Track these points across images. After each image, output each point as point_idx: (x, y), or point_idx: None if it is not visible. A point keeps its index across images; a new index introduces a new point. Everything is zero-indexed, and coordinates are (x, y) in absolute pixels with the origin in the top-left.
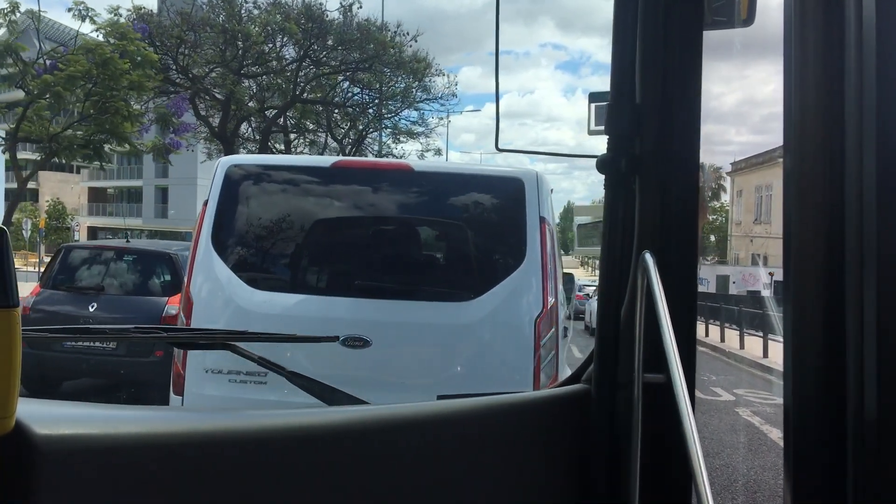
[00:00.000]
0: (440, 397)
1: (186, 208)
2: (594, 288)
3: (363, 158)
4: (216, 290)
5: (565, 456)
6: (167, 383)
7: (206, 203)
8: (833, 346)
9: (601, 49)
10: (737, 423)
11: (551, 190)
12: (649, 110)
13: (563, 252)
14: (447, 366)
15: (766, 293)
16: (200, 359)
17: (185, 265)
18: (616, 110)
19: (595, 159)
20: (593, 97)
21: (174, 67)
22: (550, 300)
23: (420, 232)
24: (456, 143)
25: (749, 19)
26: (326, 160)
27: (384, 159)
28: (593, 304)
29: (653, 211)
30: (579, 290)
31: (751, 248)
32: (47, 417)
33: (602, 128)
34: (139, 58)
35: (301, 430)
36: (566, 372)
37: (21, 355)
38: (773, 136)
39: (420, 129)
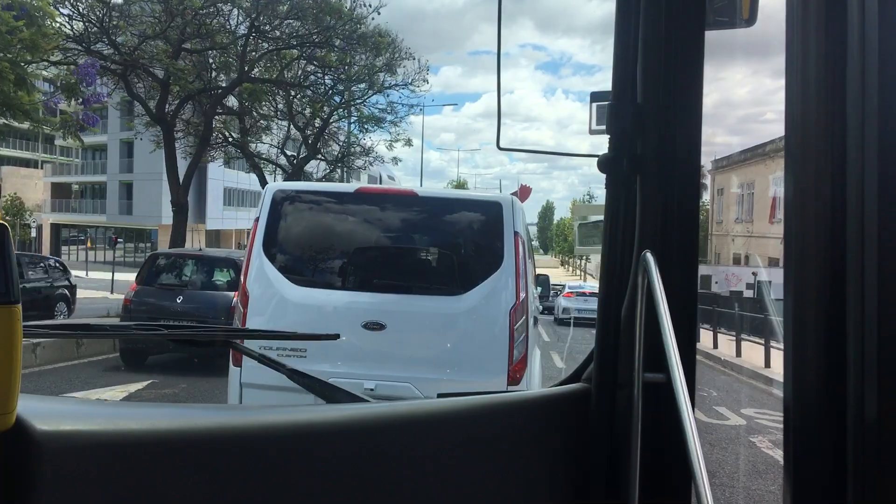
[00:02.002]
0: (440, 395)
1: (151, 204)
2: (561, 286)
3: (379, 186)
4: (266, 286)
5: (565, 455)
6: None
7: (256, 219)
8: (833, 346)
9: (582, 50)
10: (756, 460)
11: (530, 188)
12: (651, 110)
13: (542, 251)
14: (443, 344)
15: (749, 293)
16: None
17: None
18: (618, 110)
19: (596, 159)
20: (595, 97)
21: (103, 39)
22: (522, 295)
23: (422, 242)
24: (435, 143)
25: (751, 19)
26: (351, 187)
27: (395, 186)
28: (559, 301)
29: (654, 210)
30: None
31: (732, 247)
32: (48, 414)
33: (603, 127)
34: (33, 11)
35: (301, 427)
36: (535, 352)
37: (21, 351)
38: (747, 138)
39: (389, 117)
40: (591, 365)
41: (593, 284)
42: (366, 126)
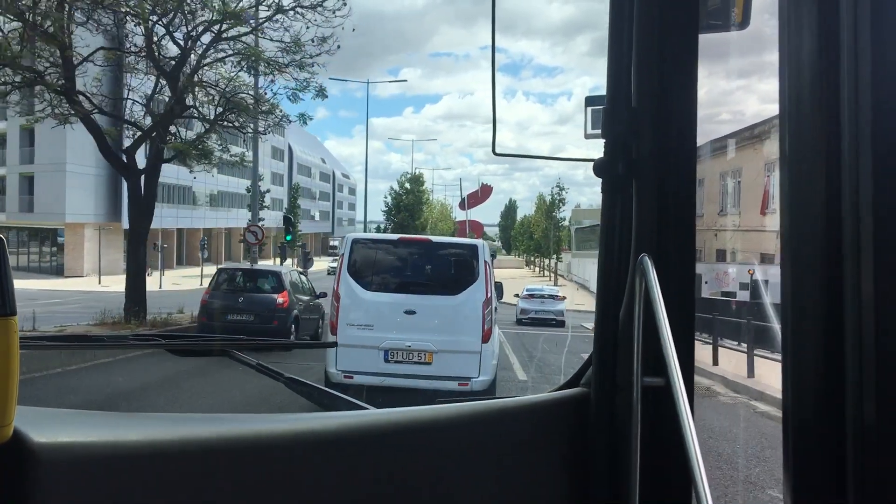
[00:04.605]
0: (439, 401)
1: (55, 199)
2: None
3: (412, 235)
4: (350, 292)
5: (565, 459)
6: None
7: (342, 255)
8: (832, 347)
9: (542, 52)
10: None
11: (491, 187)
12: (646, 114)
13: (504, 251)
14: (447, 321)
15: (745, 294)
16: (346, 316)
17: (286, 278)
18: (613, 114)
19: (592, 163)
20: (590, 101)
21: None
22: (488, 295)
23: (434, 266)
24: (396, 145)
25: (744, 22)
26: (395, 237)
27: (419, 236)
28: (519, 303)
29: (650, 214)
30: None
31: (715, 242)
32: (45, 425)
33: (599, 131)
34: None
35: (300, 435)
36: (496, 328)
37: (18, 363)
38: (702, 139)
39: (296, 56)
40: (590, 369)
41: (553, 288)
42: (254, 65)
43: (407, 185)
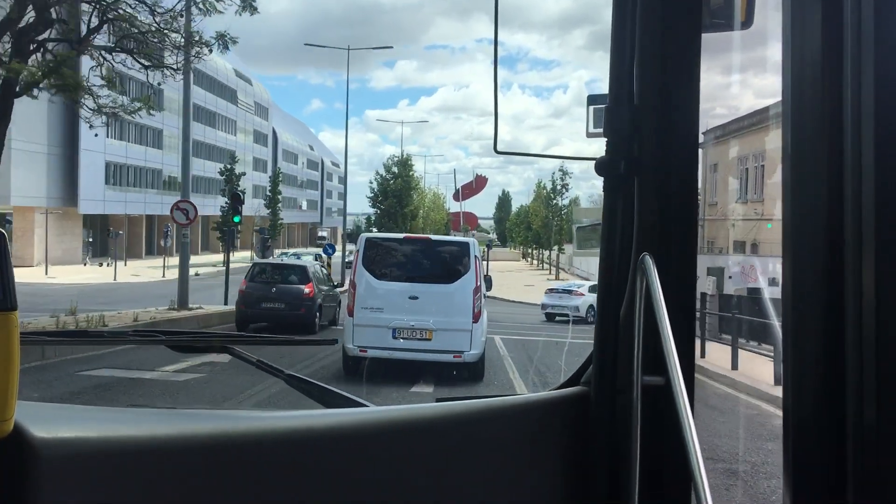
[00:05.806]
0: (438, 400)
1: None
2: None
3: (415, 234)
4: (365, 281)
5: (565, 458)
6: (307, 326)
7: (357, 251)
8: (833, 348)
9: (539, 45)
10: None
11: (486, 178)
12: (648, 112)
13: (499, 244)
14: (444, 305)
15: (774, 290)
16: (361, 301)
17: (311, 270)
18: (615, 113)
19: (593, 161)
20: (591, 99)
21: None
22: (478, 284)
23: (434, 259)
24: (391, 137)
25: (748, 21)
26: (401, 236)
27: (421, 235)
28: (543, 298)
29: (652, 213)
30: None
31: (731, 233)
32: (46, 420)
33: (601, 130)
34: None
35: (299, 432)
36: (484, 312)
37: (19, 357)
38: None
39: None
40: (591, 367)
41: (576, 283)
42: None
43: (394, 170)
